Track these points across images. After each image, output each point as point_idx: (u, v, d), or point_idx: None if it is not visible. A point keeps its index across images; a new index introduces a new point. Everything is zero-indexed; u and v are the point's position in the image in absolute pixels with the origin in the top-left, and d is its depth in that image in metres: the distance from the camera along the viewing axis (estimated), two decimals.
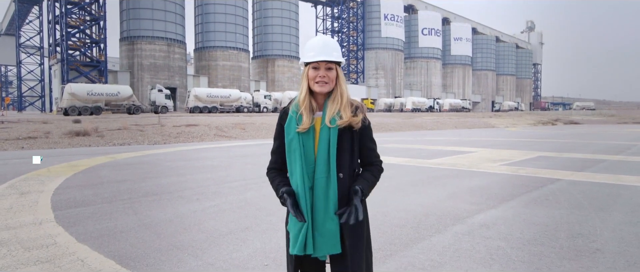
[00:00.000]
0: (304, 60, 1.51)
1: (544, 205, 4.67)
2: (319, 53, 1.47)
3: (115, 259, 3.02)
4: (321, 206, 1.45)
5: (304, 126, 1.45)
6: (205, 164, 8.63)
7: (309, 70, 1.49)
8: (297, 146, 1.45)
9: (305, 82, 1.49)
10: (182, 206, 4.69)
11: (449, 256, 3.03)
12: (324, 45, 1.49)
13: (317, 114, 1.49)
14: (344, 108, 1.46)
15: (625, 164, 8.64)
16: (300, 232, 1.44)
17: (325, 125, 1.46)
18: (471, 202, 4.83)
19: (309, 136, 1.47)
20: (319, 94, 1.49)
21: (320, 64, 1.47)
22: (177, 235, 3.60)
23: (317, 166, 1.45)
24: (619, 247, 3.20)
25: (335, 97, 1.47)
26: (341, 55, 1.51)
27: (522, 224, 3.86)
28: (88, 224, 3.97)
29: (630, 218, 4.09)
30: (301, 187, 1.45)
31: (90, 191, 5.56)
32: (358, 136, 1.50)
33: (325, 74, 1.46)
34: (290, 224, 1.49)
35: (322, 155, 1.45)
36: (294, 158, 1.47)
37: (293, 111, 1.49)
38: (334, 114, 1.45)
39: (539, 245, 3.25)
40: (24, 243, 3.39)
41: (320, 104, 1.51)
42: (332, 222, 1.44)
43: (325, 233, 1.44)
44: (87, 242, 3.42)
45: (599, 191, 5.55)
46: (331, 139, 1.45)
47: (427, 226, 3.82)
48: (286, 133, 1.49)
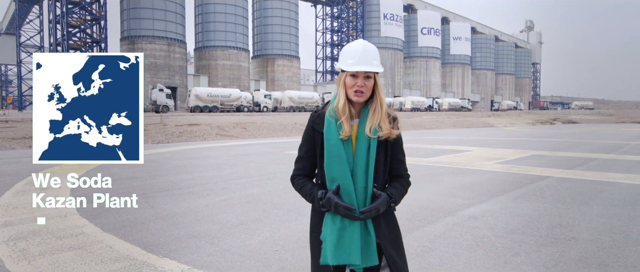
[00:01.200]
0: (343, 68, 1.46)
1: (531, 199, 5.03)
2: (358, 61, 1.43)
3: (140, 246, 3.37)
4: None
5: (346, 133, 1.43)
6: (211, 162, 8.98)
7: (346, 78, 1.45)
8: (342, 152, 1.43)
9: (342, 90, 1.46)
10: (193, 201, 5.04)
11: (439, 243, 3.38)
12: (363, 52, 1.44)
13: (353, 121, 1.47)
14: (383, 119, 1.45)
15: (615, 162, 9.00)
16: (344, 238, 1.40)
17: (364, 134, 1.45)
18: (463, 197, 5.18)
19: (347, 144, 1.45)
20: (355, 102, 1.47)
21: (359, 73, 1.43)
22: (192, 226, 3.95)
23: (355, 177, 1.44)
24: (592, 236, 3.56)
25: (375, 108, 1.46)
26: (380, 63, 1.48)
27: (507, 216, 4.21)
28: (109, 216, 4.32)
29: (608, 211, 4.45)
30: (351, 193, 1.43)
31: (106, 187, 5.90)
32: (391, 147, 1.50)
33: (364, 83, 1.44)
34: (327, 230, 1.43)
35: (360, 165, 1.43)
36: (337, 165, 1.43)
37: (331, 117, 1.46)
38: (375, 125, 1.44)
39: (521, 234, 3.61)
40: (55, 233, 3.74)
41: (357, 111, 1.49)
42: (369, 234, 1.43)
43: (363, 245, 1.42)
44: (112, 232, 3.76)
45: (584, 187, 5.91)
46: (371, 149, 1.44)
47: (421, 217, 4.18)
48: (327, 139, 1.45)
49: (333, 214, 1.42)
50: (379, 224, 1.44)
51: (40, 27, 59.90)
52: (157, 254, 3.18)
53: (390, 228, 1.47)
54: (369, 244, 1.42)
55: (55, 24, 44.32)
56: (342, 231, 1.40)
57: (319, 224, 1.46)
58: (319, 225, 1.47)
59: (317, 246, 1.46)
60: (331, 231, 1.41)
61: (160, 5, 47.71)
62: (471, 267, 2.88)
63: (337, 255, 1.39)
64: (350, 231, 1.40)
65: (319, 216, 1.47)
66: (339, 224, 1.41)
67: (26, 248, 3.34)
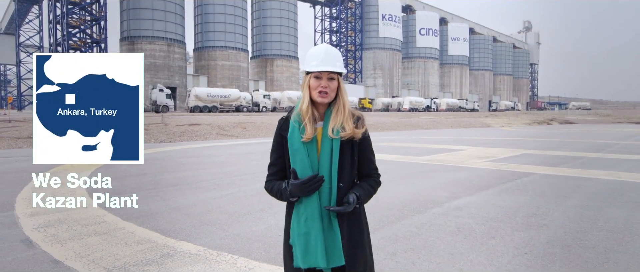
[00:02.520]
0: (306, 69, 1.50)
1: (513, 193, 5.45)
2: (321, 63, 1.47)
3: (159, 231, 3.77)
4: (324, 218, 1.46)
5: (308, 136, 1.46)
6: (214, 160, 9.38)
7: (310, 80, 1.48)
8: (305, 155, 1.46)
9: (307, 92, 1.49)
10: (202, 194, 5.44)
11: (425, 229, 3.80)
12: (326, 54, 1.49)
13: (318, 124, 1.51)
14: (346, 119, 1.49)
15: (600, 160, 9.43)
16: (309, 245, 1.45)
17: (327, 135, 1.47)
18: (451, 191, 5.60)
19: (312, 146, 1.48)
20: (319, 104, 1.50)
21: (322, 74, 1.47)
22: (203, 215, 4.36)
23: None
24: (562, 223, 3.98)
25: (338, 109, 1.49)
26: (343, 65, 1.52)
27: (489, 207, 4.63)
28: (125, 208, 4.71)
29: (581, 203, 4.87)
30: (315, 198, 1.46)
31: (117, 183, 6.30)
32: (358, 147, 1.51)
33: (328, 84, 1.47)
34: (294, 236, 1.47)
35: (325, 165, 1.46)
36: (300, 168, 1.46)
37: (295, 120, 1.50)
38: (337, 126, 1.47)
39: (499, 221, 4.03)
40: (79, 221, 4.14)
41: (321, 113, 1.52)
42: (335, 234, 1.46)
43: (330, 246, 1.45)
44: (131, 220, 4.17)
45: (564, 183, 6.33)
46: (334, 149, 1.46)
47: (411, 208, 4.59)
48: (290, 144, 1.49)
49: (297, 218, 1.47)
50: (342, 224, 1.47)
51: (40, 27, 60.13)
52: (174, 238, 3.59)
53: (352, 228, 1.49)
54: (335, 244, 1.45)
55: (55, 24, 44.61)
56: (307, 236, 1.44)
57: (289, 228, 1.51)
58: (288, 229, 1.51)
59: (289, 250, 1.50)
60: (298, 236, 1.45)
61: (159, 6, 48.01)
62: (451, 248, 3.30)
63: (306, 259, 1.44)
64: (314, 235, 1.43)
65: (288, 222, 1.52)
66: (304, 228, 1.45)
67: (56, 234, 3.73)
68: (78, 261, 3.08)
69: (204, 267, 2.93)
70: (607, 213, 4.41)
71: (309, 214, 1.44)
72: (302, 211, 1.45)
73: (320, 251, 1.42)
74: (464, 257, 3.11)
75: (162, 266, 2.96)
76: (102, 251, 3.27)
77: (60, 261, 3.09)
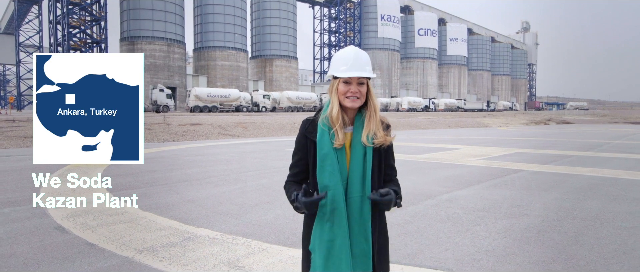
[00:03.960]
0: (335, 74, 1.45)
1: (501, 187, 5.87)
2: (351, 67, 1.42)
3: (177, 220, 4.18)
4: (355, 225, 1.42)
5: (340, 142, 1.41)
6: (219, 158, 9.78)
7: (339, 85, 1.43)
8: (335, 161, 1.41)
9: (336, 97, 1.44)
10: (212, 189, 5.85)
11: (418, 217, 4.22)
12: (355, 58, 1.44)
13: (347, 129, 1.47)
14: (378, 126, 1.45)
15: (588, 158, 9.87)
16: (333, 252, 1.41)
17: (359, 142, 1.43)
18: (444, 186, 6.02)
19: (341, 153, 1.43)
20: (349, 109, 1.46)
21: (352, 78, 1.42)
22: (216, 206, 4.77)
23: (351, 185, 1.43)
24: (542, 213, 4.40)
25: (370, 115, 1.45)
26: (372, 69, 1.48)
27: (477, 199, 5.06)
28: (144, 200, 5.12)
29: (562, 196, 5.30)
30: (342, 205, 1.41)
31: (131, 178, 6.71)
32: (384, 154, 1.49)
33: (358, 89, 1.43)
34: (315, 242, 1.44)
35: (357, 173, 1.42)
36: (329, 174, 1.41)
37: (324, 125, 1.44)
38: (371, 133, 1.44)
39: (484, 211, 4.45)
40: (103, 211, 4.54)
41: (351, 118, 1.47)
42: (366, 242, 1.43)
43: (358, 253, 1.42)
44: (150, 211, 4.57)
45: (550, 179, 6.76)
46: (367, 157, 1.43)
47: (406, 200, 5.00)
48: (319, 148, 1.43)
49: (321, 224, 1.43)
50: (374, 231, 1.45)
51: (40, 27, 60.38)
52: (193, 225, 4.00)
53: (381, 236, 1.49)
54: (365, 252, 1.43)
55: (55, 25, 44.91)
56: (331, 243, 1.41)
57: (309, 234, 1.47)
58: (308, 235, 1.47)
59: (307, 257, 1.47)
60: (320, 242, 1.42)
61: (159, 6, 48.35)
62: (439, 233, 3.72)
63: (327, 265, 1.40)
64: (340, 242, 1.40)
65: (308, 228, 1.48)
66: (328, 235, 1.41)
67: (85, 222, 4.14)
68: (110, 243, 3.49)
69: (223, 248, 3.34)
70: (584, 204, 4.84)
71: (336, 221, 1.40)
72: (327, 217, 1.41)
73: (345, 258, 1.39)
74: (450, 240, 3.52)
75: (185, 247, 3.37)
76: (130, 236, 3.68)
77: (94, 243, 3.50)
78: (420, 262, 3.01)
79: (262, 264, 2.99)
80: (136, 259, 3.12)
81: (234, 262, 3.03)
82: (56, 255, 3.24)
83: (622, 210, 4.58)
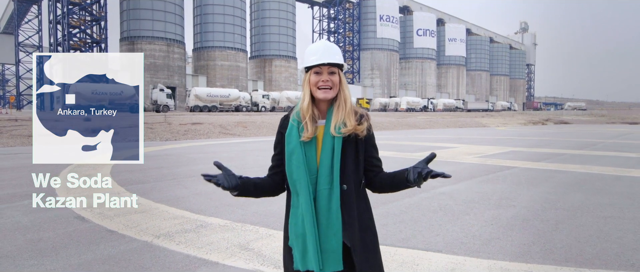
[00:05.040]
0: (306, 65, 1.45)
1: (492, 182, 6.19)
2: (321, 56, 1.42)
3: (188, 210, 4.49)
4: (324, 220, 1.39)
5: (307, 135, 1.40)
6: (223, 155, 10.08)
7: (310, 76, 1.43)
8: (301, 155, 1.40)
9: (307, 89, 1.43)
10: None
11: (413, 208, 4.53)
12: (325, 48, 1.45)
13: (319, 122, 1.45)
14: (348, 115, 1.42)
15: (580, 156, 10.20)
16: (306, 247, 1.39)
17: (328, 133, 1.41)
18: (439, 181, 6.31)
19: (311, 146, 1.41)
20: (321, 101, 1.44)
21: (322, 68, 1.42)
22: (223, 199, 5.07)
23: (320, 177, 1.40)
24: (527, 204, 4.72)
25: (339, 104, 1.43)
26: (343, 59, 1.47)
27: (469, 192, 5.37)
28: (154, 193, 5.43)
29: (549, 189, 5.62)
30: (307, 199, 1.38)
31: (139, 174, 7.01)
32: (363, 145, 1.44)
33: (329, 78, 1.41)
34: (292, 239, 1.42)
35: (325, 165, 1.40)
36: (296, 169, 1.40)
37: (294, 120, 1.44)
38: (339, 122, 1.41)
39: (475, 203, 4.77)
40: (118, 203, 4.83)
41: (323, 111, 1.46)
42: (335, 237, 1.38)
43: (328, 249, 1.38)
44: (162, 203, 4.88)
45: (540, 175, 7.08)
46: (335, 148, 1.40)
47: (402, 194, 5.31)
48: (287, 143, 1.43)
49: (295, 219, 1.42)
50: (351, 227, 1.40)
51: (39, 27, 60.56)
52: (203, 214, 4.30)
53: (363, 233, 1.44)
54: (334, 248, 1.38)
55: (55, 24, 45.12)
56: (304, 237, 1.39)
57: (288, 230, 1.46)
58: (287, 231, 1.47)
59: (288, 253, 1.46)
60: (296, 238, 1.41)
61: (159, 7, 48.59)
62: (431, 221, 4.03)
63: (304, 261, 1.39)
64: (308, 238, 1.38)
65: (287, 224, 1.47)
66: (301, 230, 1.40)
67: (103, 212, 4.44)
68: (129, 230, 3.79)
69: (233, 234, 3.65)
70: (568, 197, 5.16)
71: (304, 216, 1.38)
72: (299, 212, 1.40)
73: (313, 253, 1.37)
74: (441, 227, 3.84)
75: (199, 233, 3.68)
76: (146, 224, 3.98)
77: (114, 230, 3.80)
78: (413, 245, 3.33)
79: (270, 247, 3.30)
80: (155, 243, 3.43)
81: (244, 245, 3.34)
82: (81, 240, 3.54)
83: (603, 202, 4.91)
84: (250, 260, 3.01)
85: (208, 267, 2.90)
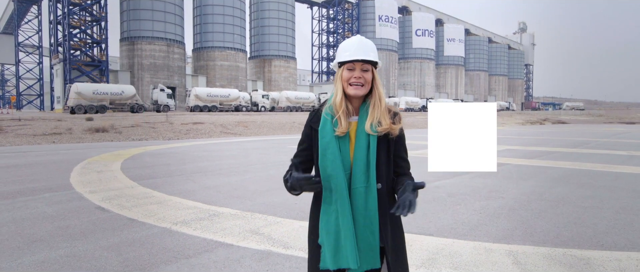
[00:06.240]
0: (339, 60, 1.43)
1: (485, 177, 6.55)
2: (355, 52, 1.40)
3: (200, 201, 4.83)
4: (360, 218, 1.37)
5: (342, 130, 1.38)
6: (226, 154, 10.43)
7: (343, 72, 1.41)
8: (336, 150, 1.38)
9: (339, 84, 1.42)
10: (225, 178, 6.50)
11: None
12: (359, 44, 1.42)
13: (352, 118, 1.43)
14: (383, 114, 1.41)
15: (572, 154, 10.56)
16: (339, 244, 1.36)
17: (362, 131, 1.39)
18: (434, 175, 6.68)
19: (345, 141, 1.40)
20: (353, 98, 1.43)
21: (355, 64, 1.40)
22: (231, 192, 5.42)
23: (354, 175, 1.38)
24: (515, 196, 5.08)
25: (374, 103, 1.42)
26: (377, 55, 1.44)
27: (461, 186, 5.73)
28: (166, 187, 5.77)
29: (538, 183, 5.98)
30: (344, 196, 1.37)
31: (148, 170, 7.35)
32: (394, 144, 1.43)
33: (361, 75, 1.40)
34: (323, 235, 1.40)
35: (360, 163, 1.37)
36: (330, 163, 1.37)
37: (327, 114, 1.42)
38: (375, 120, 1.39)
39: (466, 195, 5.12)
40: (133, 196, 5.18)
41: (356, 107, 1.44)
42: (372, 235, 1.37)
43: (365, 248, 1.37)
44: (175, 196, 5.22)
45: (531, 170, 7.44)
46: (371, 146, 1.38)
47: None
48: (321, 136, 1.40)
49: (327, 216, 1.40)
50: (384, 226, 1.39)
51: (39, 27, 60.77)
52: (214, 205, 4.65)
53: (394, 232, 1.42)
54: (372, 246, 1.38)
55: (56, 25, 45.38)
56: (337, 235, 1.37)
57: (316, 227, 1.44)
58: (315, 229, 1.44)
59: (316, 250, 1.43)
60: (327, 235, 1.38)
61: (159, 7, 48.88)
62: (425, 211, 4.38)
63: (336, 259, 1.37)
64: (344, 234, 1.36)
65: (314, 222, 1.45)
66: (334, 226, 1.38)
67: (121, 204, 4.78)
68: (148, 218, 4.14)
69: (244, 221, 3.99)
70: (554, 190, 5.52)
71: (340, 212, 1.37)
72: (332, 208, 1.38)
73: (351, 250, 1.35)
74: (434, 215, 4.19)
75: (212, 221, 4.02)
76: (163, 213, 4.33)
77: (134, 219, 4.14)
78: (407, 230, 3.66)
79: (278, 232, 3.65)
80: (174, 229, 3.77)
81: (255, 230, 3.69)
82: (105, 226, 3.88)
83: (586, 194, 5.27)
84: (262, 242, 3.36)
85: (224, 248, 3.24)
